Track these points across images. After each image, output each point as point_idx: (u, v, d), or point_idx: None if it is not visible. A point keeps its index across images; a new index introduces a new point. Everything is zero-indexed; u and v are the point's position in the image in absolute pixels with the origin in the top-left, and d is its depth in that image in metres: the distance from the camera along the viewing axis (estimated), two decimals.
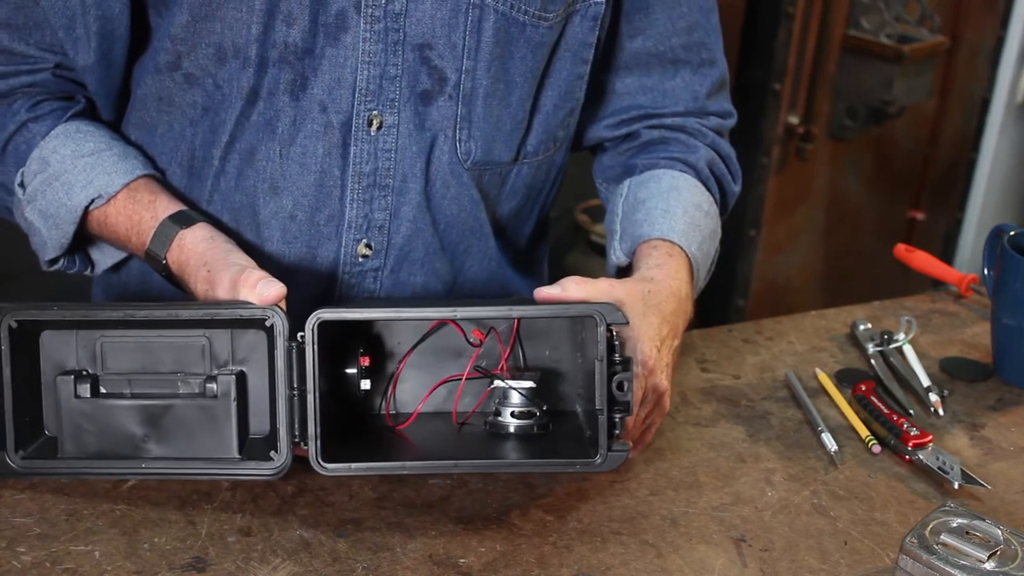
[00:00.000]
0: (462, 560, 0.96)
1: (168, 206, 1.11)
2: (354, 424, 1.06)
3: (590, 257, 2.74)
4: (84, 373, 1.00)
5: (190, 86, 1.12)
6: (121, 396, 1.00)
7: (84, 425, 0.99)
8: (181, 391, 1.00)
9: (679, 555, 0.99)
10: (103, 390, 1.00)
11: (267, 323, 0.96)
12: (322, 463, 0.95)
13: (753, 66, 2.72)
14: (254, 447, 1.00)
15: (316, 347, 0.94)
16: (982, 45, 3.23)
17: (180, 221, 1.09)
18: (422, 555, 0.96)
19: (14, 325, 0.97)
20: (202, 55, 1.10)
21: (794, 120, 2.77)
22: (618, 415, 0.96)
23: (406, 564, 0.95)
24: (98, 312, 1.03)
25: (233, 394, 0.99)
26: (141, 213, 1.10)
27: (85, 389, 0.99)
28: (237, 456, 0.99)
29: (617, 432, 0.96)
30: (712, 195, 1.25)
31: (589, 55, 1.20)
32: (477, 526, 1.00)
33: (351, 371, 1.03)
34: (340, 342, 1.02)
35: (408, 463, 0.98)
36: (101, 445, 0.99)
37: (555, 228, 2.74)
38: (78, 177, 1.11)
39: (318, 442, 0.95)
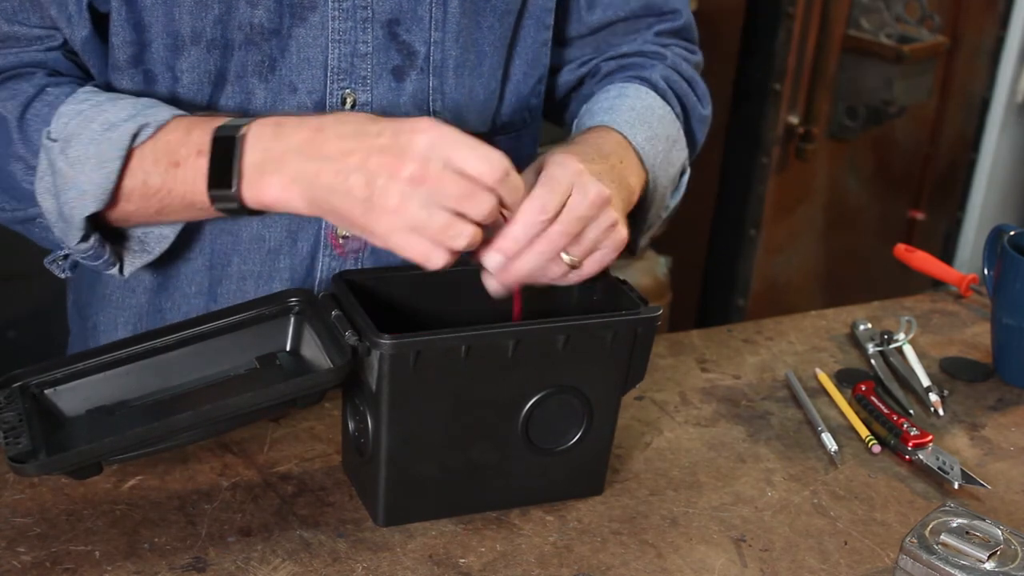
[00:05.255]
0: (462, 560, 0.96)
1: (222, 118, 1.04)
2: None
3: None
4: (114, 408, 0.97)
5: (149, 84, 1.10)
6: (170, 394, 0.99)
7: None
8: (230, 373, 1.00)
9: (679, 555, 0.99)
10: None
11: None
12: None
13: (753, 66, 2.71)
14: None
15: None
16: (982, 45, 3.23)
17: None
18: (422, 555, 0.96)
19: (37, 392, 0.96)
20: (160, 46, 1.07)
21: (794, 120, 2.77)
22: None
23: (406, 564, 0.95)
24: (120, 351, 0.99)
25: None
26: (196, 128, 1.02)
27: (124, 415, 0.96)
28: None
29: None
30: (671, 108, 1.20)
31: (551, 20, 1.20)
32: (477, 526, 1.00)
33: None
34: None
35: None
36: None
37: None
38: (119, 113, 1.04)
39: None
